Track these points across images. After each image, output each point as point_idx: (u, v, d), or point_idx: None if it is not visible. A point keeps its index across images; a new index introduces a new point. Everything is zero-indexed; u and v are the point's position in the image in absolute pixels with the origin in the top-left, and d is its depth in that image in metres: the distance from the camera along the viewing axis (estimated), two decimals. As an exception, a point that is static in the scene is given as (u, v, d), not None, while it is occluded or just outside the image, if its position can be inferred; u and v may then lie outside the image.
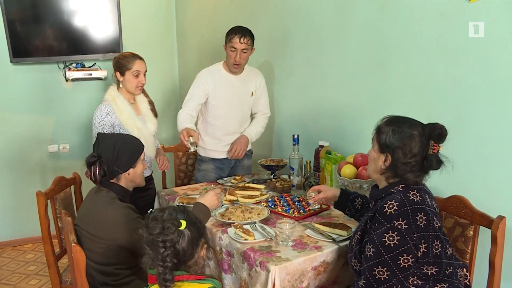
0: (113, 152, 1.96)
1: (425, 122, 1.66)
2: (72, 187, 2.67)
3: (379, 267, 1.51)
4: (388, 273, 1.50)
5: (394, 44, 2.33)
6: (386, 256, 1.50)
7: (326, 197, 2.13)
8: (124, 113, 2.63)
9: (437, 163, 1.61)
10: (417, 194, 1.59)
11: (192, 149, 2.61)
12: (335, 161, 2.50)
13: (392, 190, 1.63)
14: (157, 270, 1.40)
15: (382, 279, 1.51)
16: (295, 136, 2.63)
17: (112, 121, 2.60)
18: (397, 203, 1.55)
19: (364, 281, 1.55)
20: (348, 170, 2.32)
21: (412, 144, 1.59)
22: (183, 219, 1.45)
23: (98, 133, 2.05)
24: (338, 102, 2.76)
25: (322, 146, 2.68)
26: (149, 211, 1.55)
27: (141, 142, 2.14)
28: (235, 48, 2.73)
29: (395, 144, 1.61)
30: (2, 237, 4.01)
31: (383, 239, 1.51)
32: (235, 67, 2.80)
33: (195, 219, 1.51)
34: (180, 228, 1.43)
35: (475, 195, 1.97)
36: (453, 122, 2.05)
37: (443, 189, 2.10)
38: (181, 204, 2.32)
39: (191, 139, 2.57)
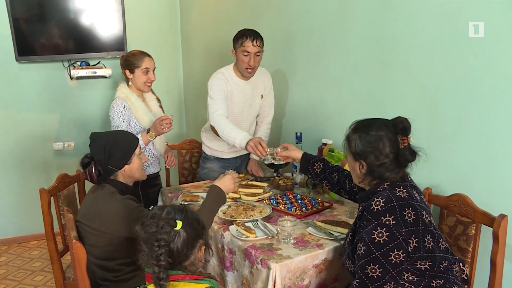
0: (104, 152, 1.97)
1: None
2: (75, 184, 2.68)
3: (371, 264, 1.51)
4: (381, 270, 1.50)
5: (396, 42, 2.33)
6: (377, 253, 1.50)
7: (288, 156, 2.26)
8: (139, 110, 2.68)
9: (412, 155, 1.61)
10: (404, 190, 1.60)
11: (269, 161, 2.35)
12: (337, 159, 2.49)
13: (378, 189, 1.64)
14: (152, 268, 1.39)
15: (375, 276, 1.51)
16: (298, 134, 2.63)
17: (128, 116, 2.65)
18: (383, 200, 1.56)
19: (357, 281, 1.55)
20: (351, 168, 2.32)
21: (381, 145, 1.61)
22: (180, 219, 1.44)
23: (91, 133, 2.05)
24: (340, 100, 2.75)
25: (325, 144, 2.68)
26: (150, 208, 1.55)
27: (135, 137, 2.14)
28: (248, 52, 2.65)
29: (365, 149, 1.63)
30: (8, 234, 4.05)
31: (373, 236, 1.52)
32: (248, 72, 2.72)
33: (193, 220, 1.49)
34: (175, 228, 1.41)
35: (477, 193, 1.96)
36: (455, 120, 2.05)
37: (445, 187, 2.10)
38: (182, 203, 2.33)
39: (269, 153, 2.32)
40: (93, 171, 1.94)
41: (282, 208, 2.28)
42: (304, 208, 2.25)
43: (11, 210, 4.04)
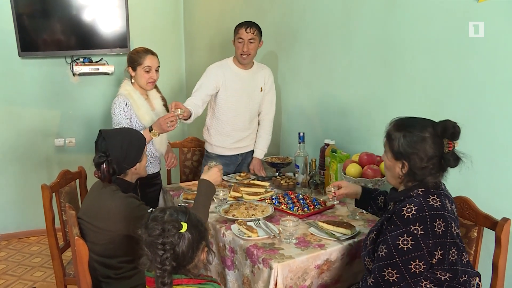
0: (121, 150, 1.97)
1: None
2: (77, 180, 2.68)
3: (389, 268, 1.50)
4: (398, 276, 1.49)
5: (401, 42, 2.32)
6: (397, 259, 1.48)
7: (347, 193, 2.07)
8: (141, 108, 2.65)
9: (455, 161, 1.55)
10: (437, 199, 1.54)
11: (177, 120, 2.52)
12: (340, 159, 2.49)
13: (412, 194, 1.59)
14: (155, 273, 1.35)
15: (391, 281, 1.50)
16: (301, 134, 2.63)
17: (130, 113, 2.62)
18: (415, 208, 1.51)
19: (373, 280, 1.54)
20: (353, 169, 2.31)
21: (427, 147, 1.54)
22: (185, 221, 1.41)
23: (102, 130, 2.03)
24: (344, 100, 2.75)
25: (327, 145, 2.68)
26: (149, 210, 1.52)
27: (143, 135, 2.17)
28: (242, 39, 2.78)
29: (409, 150, 1.55)
30: (8, 229, 4.05)
31: (397, 242, 1.49)
32: (243, 58, 2.82)
33: (197, 221, 1.47)
34: (181, 231, 1.38)
35: (480, 196, 1.96)
36: (458, 121, 2.03)
37: (448, 190, 2.09)
38: (183, 204, 2.32)
39: (178, 111, 2.49)
40: (107, 169, 1.92)
41: (284, 208, 2.27)
42: (306, 208, 2.25)
43: (11, 205, 4.03)
